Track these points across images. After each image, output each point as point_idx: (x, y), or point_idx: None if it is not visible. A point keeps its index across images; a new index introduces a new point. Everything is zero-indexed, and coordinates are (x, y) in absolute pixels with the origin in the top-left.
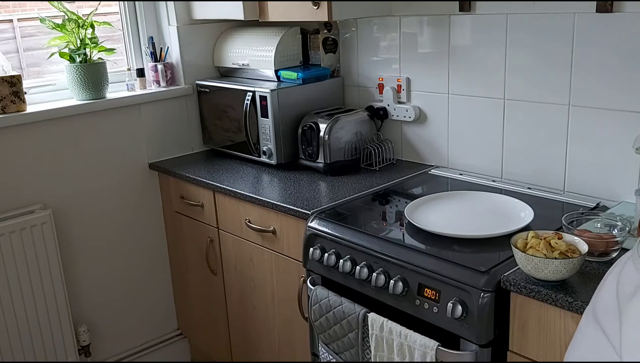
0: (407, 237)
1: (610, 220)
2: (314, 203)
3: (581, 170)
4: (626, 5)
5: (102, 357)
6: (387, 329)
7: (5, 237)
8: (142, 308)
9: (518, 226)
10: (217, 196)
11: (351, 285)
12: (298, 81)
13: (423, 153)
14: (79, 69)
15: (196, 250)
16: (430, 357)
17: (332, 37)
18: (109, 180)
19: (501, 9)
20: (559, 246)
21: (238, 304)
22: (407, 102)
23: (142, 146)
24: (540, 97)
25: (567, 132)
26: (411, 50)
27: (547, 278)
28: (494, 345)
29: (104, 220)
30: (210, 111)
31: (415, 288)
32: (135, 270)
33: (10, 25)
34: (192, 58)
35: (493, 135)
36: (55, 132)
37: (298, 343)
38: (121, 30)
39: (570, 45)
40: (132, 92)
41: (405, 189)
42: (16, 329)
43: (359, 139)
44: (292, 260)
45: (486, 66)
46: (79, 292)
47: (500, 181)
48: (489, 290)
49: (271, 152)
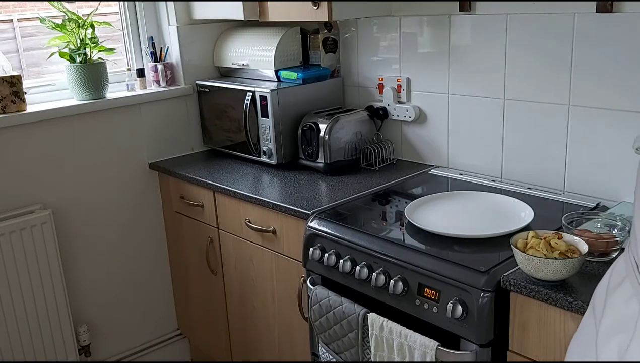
0: (407, 237)
1: (610, 220)
2: (314, 203)
3: (581, 170)
4: (626, 5)
5: (102, 357)
6: (387, 329)
7: (5, 237)
8: (142, 308)
9: (518, 226)
10: (217, 196)
11: (351, 285)
12: (298, 81)
13: (423, 153)
14: (79, 69)
15: (196, 250)
16: (430, 357)
17: (332, 37)
18: (109, 180)
19: (501, 9)
20: (559, 246)
21: (238, 304)
22: (407, 102)
23: (142, 146)
24: (540, 97)
25: (567, 132)
26: (411, 50)
27: (547, 278)
28: (494, 345)
29: (104, 220)
30: (210, 111)
31: (415, 288)
32: (135, 270)
33: (10, 25)
34: (192, 58)
35: (493, 135)
36: (55, 132)
37: (298, 343)
38: (121, 30)
39: (570, 45)
40: (132, 92)
41: (405, 189)
42: (16, 329)
43: (359, 139)
44: (292, 260)
45: (486, 66)
46: (79, 292)
47: (500, 181)
48: (489, 290)
49: (271, 152)
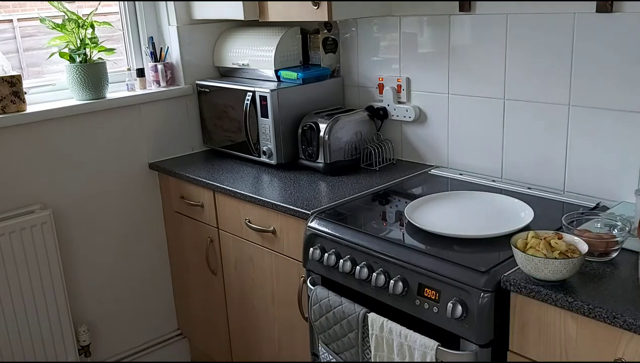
0: (407, 237)
1: (610, 220)
2: (314, 203)
3: (581, 170)
4: (626, 5)
5: (102, 357)
6: (387, 329)
7: (5, 237)
8: (142, 308)
9: (518, 226)
10: (217, 196)
11: (351, 285)
12: (298, 81)
13: (423, 153)
14: (79, 69)
15: (196, 250)
16: (430, 357)
17: (332, 37)
18: (109, 180)
19: (501, 9)
20: (559, 246)
21: (238, 304)
22: (407, 102)
23: (142, 146)
24: (540, 97)
25: (567, 132)
26: (411, 50)
27: (547, 278)
28: (494, 345)
29: (104, 220)
30: (210, 111)
31: (415, 288)
32: (135, 270)
33: (10, 25)
34: (192, 58)
35: (493, 135)
36: (55, 132)
37: (298, 343)
38: (121, 30)
39: (570, 45)
40: (132, 92)
41: (405, 189)
42: (16, 329)
43: (359, 139)
44: (292, 260)
45: (486, 66)
46: (79, 292)
47: (500, 181)
48: (489, 290)
49: (271, 152)
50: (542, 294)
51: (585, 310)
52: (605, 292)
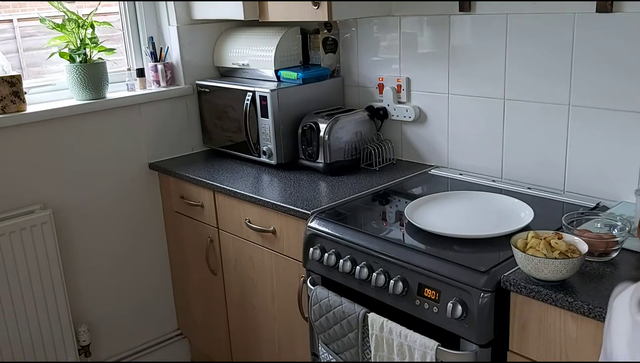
0: (407, 237)
1: (610, 220)
2: (314, 203)
3: (581, 170)
4: (626, 5)
5: (102, 357)
6: (387, 329)
7: (5, 237)
8: (142, 308)
9: (518, 226)
10: (217, 196)
11: (351, 285)
12: (298, 81)
13: (423, 153)
14: (79, 69)
15: (196, 250)
16: (430, 357)
17: (332, 37)
18: (109, 180)
19: (501, 9)
20: (559, 246)
21: (238, 304)
22: (407, 102)
23: (142, 146)
24: (540, 97)
25: (567, 132)
26: (411, 50)
27: (547, 278)
28: (494, 345)
29: (104, 220)
30: (210, 111)
31: (415, 288)
32: (135, 270)
33: (10, 25)
34: (192, 58)
35: (493, 135)
36: (55, 132)
37: (298, 343)
38: (121, 30)
39: (570, 45)
40: (132, 92)
41: (405, 189)
42: (16, 329)
43: (359, 139)
44: (292, 260)
45: (486, 66)
46: (79, 292)
47: (500, 181)
48: (489, 290)
49: (271, 152)
50: (542, 294)
51: (585, 310)
52: (605, 292)
